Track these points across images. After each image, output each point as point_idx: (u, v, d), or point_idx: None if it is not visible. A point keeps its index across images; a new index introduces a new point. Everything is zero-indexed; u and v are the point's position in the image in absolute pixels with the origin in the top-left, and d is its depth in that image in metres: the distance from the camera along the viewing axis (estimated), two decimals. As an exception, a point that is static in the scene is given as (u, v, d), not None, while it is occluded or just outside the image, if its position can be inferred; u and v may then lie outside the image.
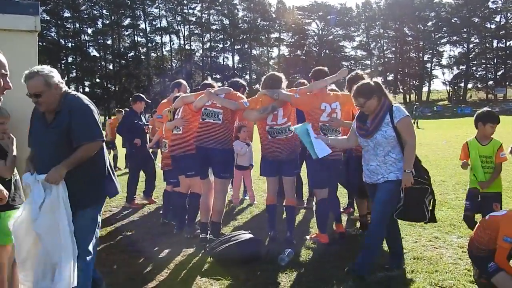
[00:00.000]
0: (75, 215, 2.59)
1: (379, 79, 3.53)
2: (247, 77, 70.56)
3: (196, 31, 72.20)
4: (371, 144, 3.40)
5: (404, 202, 3.33)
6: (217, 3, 71.10)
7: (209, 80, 5.10)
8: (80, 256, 2.58)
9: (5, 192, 2.04)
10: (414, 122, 27.76)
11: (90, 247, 2.68)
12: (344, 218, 5.22)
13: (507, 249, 3.04)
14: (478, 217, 3.87)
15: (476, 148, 3.79)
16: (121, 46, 68.49)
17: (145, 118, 6.93)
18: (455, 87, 71.10)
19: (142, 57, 69.96)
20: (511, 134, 12.69)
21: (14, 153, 2.80)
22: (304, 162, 4.64)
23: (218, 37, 73.09)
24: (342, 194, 5.78)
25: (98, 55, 68.38)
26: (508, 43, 64.57)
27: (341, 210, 5.01)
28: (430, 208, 3.45)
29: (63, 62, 65.11)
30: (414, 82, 72.73)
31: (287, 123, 4.26)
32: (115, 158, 11.00)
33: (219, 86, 4.74)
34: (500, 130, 4.10)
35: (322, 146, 3.80)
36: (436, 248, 4.13)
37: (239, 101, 4.39)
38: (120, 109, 12.73)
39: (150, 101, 7.27)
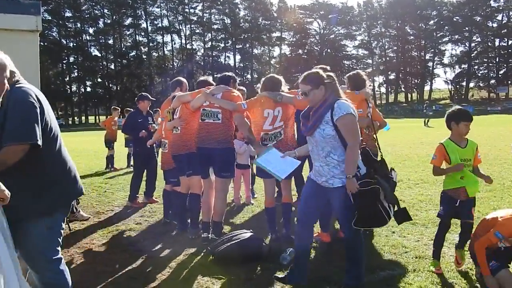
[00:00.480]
0: (26, 227, 2.29)
1: (380, 78, 3.44)
2: (249, 76, 70.77)
3: (198, 31, 72.39)
4: (313, 142, 3.12)
5: (358, 209, 2.98)
6: (219, 3, 71.24)
7: (205, 77, 5.04)
8: (46, 267, 2.37)
9: (7, 192, 2.02)
10: (426, 121, 27.59)
11: (56, 255, 2.42)
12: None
13: (491, 241, 3.07)
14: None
15: (456, 151, 3.50)
16: (122, 46, 68.72)
17: (152, 117, 6.90)
18: (457, 86, 71.09)
19: (144, 56, 70.20)
20: (513, 133, 12.62)
21: None
22: (306, 161, 4.63)
23: (220, 37, 73.26)
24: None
25: (99, 54, 68.68)
26: (510, 42, 64.51)
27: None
28: (395, 208, 3.13)
29: (64, 62, 65.41)
30: (416, 81, 72.70)
31: (281, 127, 4.23)
32: (111, 158, 10.96)
33: (216, 84, 4.71)
34: (501, 129, 4.04)
35: (285, 166, 3.60)
36: (438, 247, 4.13)
37: (238, 102, 4.35)
38: (116, 107, 12.69)
39: (155, 99, 7.27)
